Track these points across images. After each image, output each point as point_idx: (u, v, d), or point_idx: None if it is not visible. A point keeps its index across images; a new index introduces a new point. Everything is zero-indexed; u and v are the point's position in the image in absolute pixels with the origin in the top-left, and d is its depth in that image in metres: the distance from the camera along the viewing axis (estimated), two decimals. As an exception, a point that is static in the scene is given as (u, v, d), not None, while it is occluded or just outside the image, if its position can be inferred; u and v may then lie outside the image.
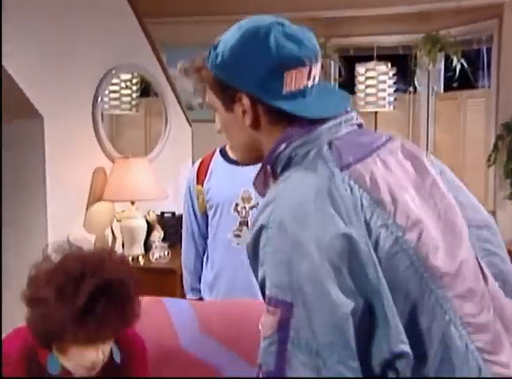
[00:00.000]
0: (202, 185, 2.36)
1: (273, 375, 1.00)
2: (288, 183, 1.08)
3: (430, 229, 1.07)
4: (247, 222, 2.26)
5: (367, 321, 1.00)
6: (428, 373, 1.02)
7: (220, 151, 2.36)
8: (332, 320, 0.98)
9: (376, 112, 5.64)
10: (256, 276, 1.07)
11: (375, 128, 5.78)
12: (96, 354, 1.43)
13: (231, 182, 2.28)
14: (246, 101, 1.12)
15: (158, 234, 3.61)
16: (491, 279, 1.14)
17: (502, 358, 1.05)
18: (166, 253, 3.57)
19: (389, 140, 1.18)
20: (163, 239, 3.64)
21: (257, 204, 2.24)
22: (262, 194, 1.17)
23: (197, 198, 2.38)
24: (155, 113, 4.22)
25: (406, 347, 1.00)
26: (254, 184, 1.22)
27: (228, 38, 1.13)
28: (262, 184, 1.18)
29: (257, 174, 1.18)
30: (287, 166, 1.11)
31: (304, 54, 1.13)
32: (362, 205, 1.03)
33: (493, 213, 4.67)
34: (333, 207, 1.02)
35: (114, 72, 3.53)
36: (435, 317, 1.02)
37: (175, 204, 4.19)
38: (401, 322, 1.01)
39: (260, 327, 1.05)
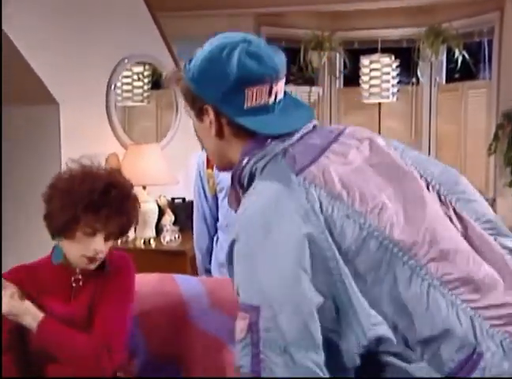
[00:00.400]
0: (212, 169, 2.42)
1: (250, 377, 1.05)
2: (250, 196, 1.14)
3: (389, 206, 1.11)
4: None
5: (336, 314, 1.07)
6: (421, 339, 1.06)
7: None
8: (297, 318, 1.04)
9: (380, 103, 5.68)
10: None
11: (379, 118, 5.81)
12: (99, 245, 1.62)
13: None
14: (211, 113, 1.18)
15: (169, 217, 3.66)
16: (471, 224, 1.18)
17: (495, 299, 1.09)
18: (177, 236, 3.62)
19: (341, 133, 1.22)
20: (174, 223, 3.69)
21: None
22: (236, 211, 1.22)
23: (208, 181, 2.43)
24: (166, 105, 4.26)
25: (380, 329, 1.06)
26: (228, 203, 1.28)
27: (200, 53, 1.19)
28: (235, 201, 1.24)
29: (229, 192, 1.26)
30: (250, 181, 1.17)
31: (264, 72, 1.16)
32: (321, 203, 1.09)
33: (493, 201, 4.71)
34: (293, 211, 1.07)
35: (126, 61, 3.58)
36: (415, 286, 1.07)
37: (186, 191, 4.24)
38: (386, 301, 1.06)
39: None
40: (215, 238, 2.50)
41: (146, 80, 4.15)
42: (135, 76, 4.04)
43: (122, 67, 3.57)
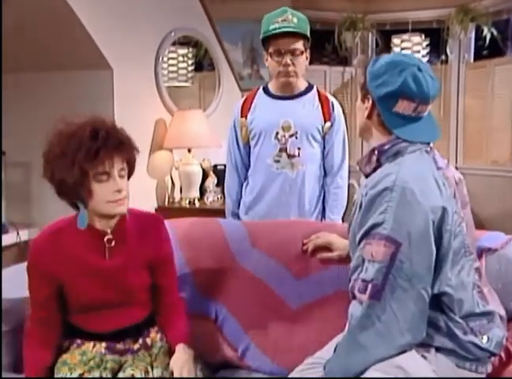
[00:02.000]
0: (246, 118, 2.43)
1: (378, 287, 1.36)
2: (404, 164, 1.43)
3: (464, 218, 1.50)
4: (286, 148, 2.34)
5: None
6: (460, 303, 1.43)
7: (264, 88, 2.43)
8: (425, 261, 1.38)
9: (410, 81, 5.54)
10: (362, 224, 1.42)
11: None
12: (117, 185, 1.53)
13: (273, 113, 2.35)
14: (370, 102, 1.50)
15: (212, 180, 3.65)
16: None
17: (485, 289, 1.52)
18: (219, 197, 3.61)
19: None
20: (217, 185, 3.68)
21: (296, 132, 2.33)
22: (363, 171, 1.53)
23: (241, 130, 2.44)
24: (208, 86, 4.25)
25: (449, 289, 1.41)
26: (357, 163, 1.55)
27: (385, 58, 1.50)
28: (365, 164, 1.52)
29: (364, 156, 1.52)
30: (392, 157, 1.46)
31: (417, 95, 1.43)
32: (448, 194, 1.44)
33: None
34: (435, 187, 1.41)
35: (173, 34, 3.56)
36: (471, 276, 1.48)
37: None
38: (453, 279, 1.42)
39: (363, 254, 1.42)
40: (244, 184, 2.51)
41: (190, 62, 4.13)
42: (180, 58, 4.03)
43: (169, 39, 3.54)
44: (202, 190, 3.65)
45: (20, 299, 1.82)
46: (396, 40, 5.30)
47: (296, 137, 2.32)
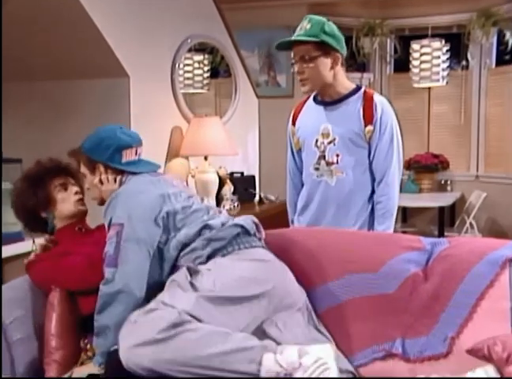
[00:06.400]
0: (295, 125, 2.45)
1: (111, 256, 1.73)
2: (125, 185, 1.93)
3: None
4: (324, 156, 2.31)
5: None
6: None
7: (314, 95, 2.41)
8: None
9: (430, 88, 5.53)
10: None
11: (429, 103, 5.66)
12: (74, 189, 2.05)
13: (315, 120, 2.35)
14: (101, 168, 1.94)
15: (228, 187, 3.66)
16: None
17: None
18: (236, 204, 3.62)
19: None
20: (233, 193, 3.69)
21: (335, 139, 2.29)
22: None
23: (292, 137, 2.47)
24: (224, 93, 4.27)
25: None
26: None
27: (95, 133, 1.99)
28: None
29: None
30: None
31: (132, 142, 1.95)
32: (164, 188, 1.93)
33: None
34: (154, 187, 1.90)
35: (190, 41, 3.59)
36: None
37: (244, 166, 4.25)
38: None
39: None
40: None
41: (206, 69, 4.16)
42: (196, 65, 4.06)
43: (185, 46, 3.57)
44: (219, 198, 3.66)
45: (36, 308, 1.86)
46: (415, 46, 5.29)
47: (334, 144, 2.28)
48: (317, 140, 2.32)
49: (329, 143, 2.29)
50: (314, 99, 2.40)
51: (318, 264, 1.90)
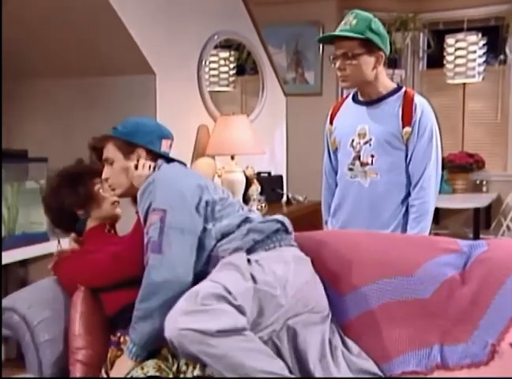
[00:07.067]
0: (332, 124, 2.45)
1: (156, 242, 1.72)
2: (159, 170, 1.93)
3: None
4: (359, 156, 2.31)
5: None
6: None
7: (353, 95, 2.40)
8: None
9: (464, 84, 5.44)
10: None
11: (463, 100, 5.57)
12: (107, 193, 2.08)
13: (352, 120, 2.35)
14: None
15: (255, 188, 3.66)
16: None
17: None
18: (263, 205, 3.62)
19: None
20: (260, 193, 3.69)
21: (371, 139, 2.28)
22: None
23: (330, 136, 2.47)
24: (250, 91, 4.27)
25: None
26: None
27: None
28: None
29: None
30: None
31: (170, 134, 2.01)
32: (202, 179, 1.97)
33: None
34: (189, 176, 1.96)
35: (216, 37, 3.60)
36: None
37: (271, 165, 4.25)
38: None
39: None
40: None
41: (231, 66, 4.17)
42: (221, 62, 4.07)
43: (212, 43, 3.58)
44: (245, 199, 3.66)
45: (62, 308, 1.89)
46: (450, 40, 5.22)
47: (370, 144, 2.27)
48: (353, 141, 2.32)
49: (365, 143, 2.29)
50: (353, 99, 2.39)
51: (350, 268, 1.89)
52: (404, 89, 2.31)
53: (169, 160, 1.97)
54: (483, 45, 5.06)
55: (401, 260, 1.85)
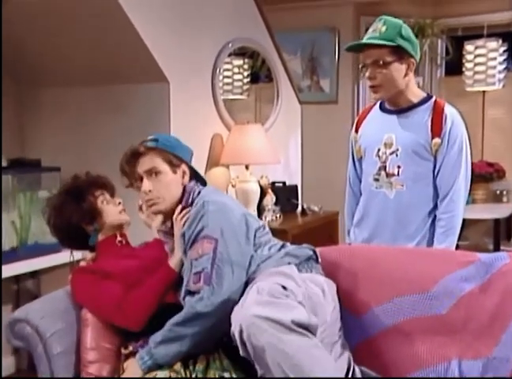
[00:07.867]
0: (357, 132, 2.45)
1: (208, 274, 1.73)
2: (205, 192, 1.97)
3: None
4: (385, 167, 2.30)
5: None
6: None
7: (381, 102, 2.40)
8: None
9: (484, 91, 5.42)
10: None
11: (483, 107, 5.55)
12: (117, 200, 2.09)
13: (378, 128, 2.35)
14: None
15: (270, 198, 3.68)
16: None
17: None
18: (278, 215, 3.64)
19: None
20: (275, 204, 3.70)
21: (397, 150, 2.27)
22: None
23: (355, 144, 2.47)
24: (265, 99, 4.28)
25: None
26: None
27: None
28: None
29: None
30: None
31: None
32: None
33: None
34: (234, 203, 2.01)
35: (231, 45, 3.63)
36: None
37: (286, 175, 4.26)
38: None
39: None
40: None
41: (245, 74, 4.19)
42: (235, 69, 4.10)
43: (226, 51, 3.62)
44: (260, 209, 3.68)
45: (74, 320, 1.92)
46: (469, 47, 5.21)
47: (397, 155, 2.26)
48: (379, 150, 2.31)
49: (391, 153, 2.28)
50: (381, 107, 2.38)
51: (365, 286, 1.91)
52: (434, 98, 2.30)
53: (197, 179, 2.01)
54: (504, 51, 5.04)
55: (417, 277, 1.86)
